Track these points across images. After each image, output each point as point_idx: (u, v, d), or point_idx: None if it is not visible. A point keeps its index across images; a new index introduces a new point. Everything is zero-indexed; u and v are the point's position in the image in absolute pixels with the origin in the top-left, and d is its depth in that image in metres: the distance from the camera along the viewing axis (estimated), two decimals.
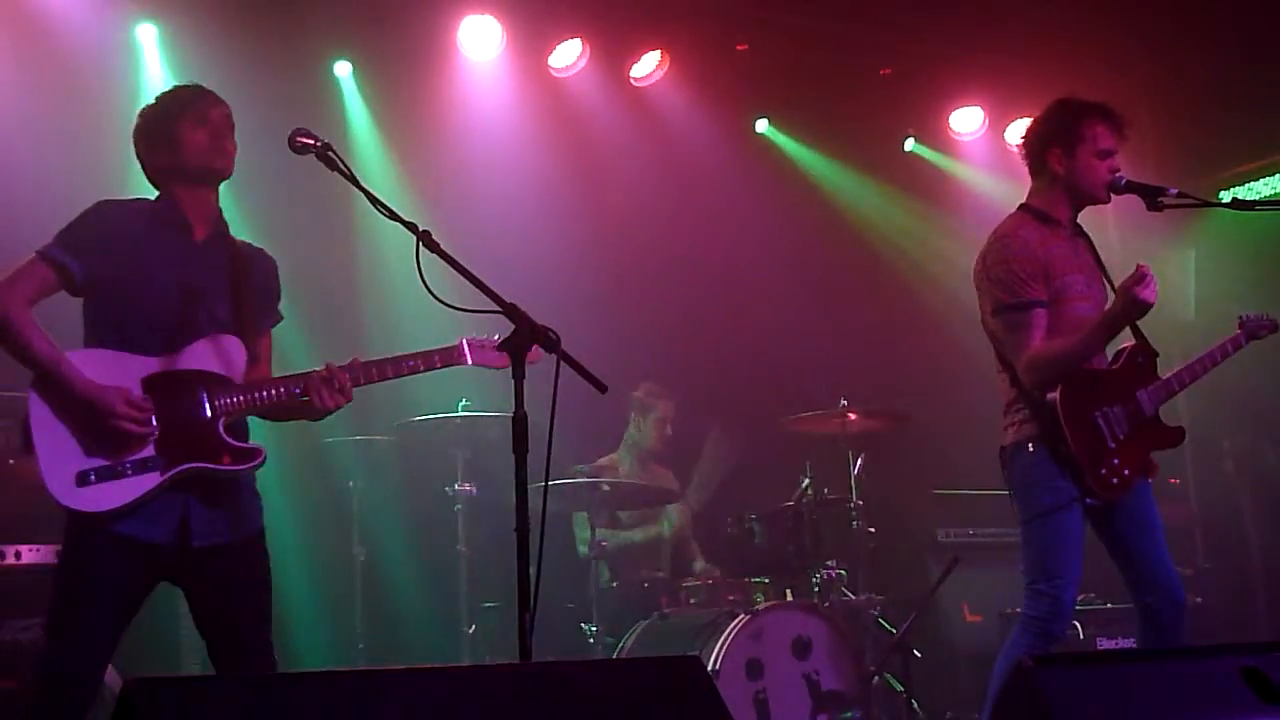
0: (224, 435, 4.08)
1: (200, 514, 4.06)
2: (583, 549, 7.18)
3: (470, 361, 4.38)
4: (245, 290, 4.26)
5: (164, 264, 4.14)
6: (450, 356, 4.37)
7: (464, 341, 4.39)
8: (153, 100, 4.36)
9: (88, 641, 3.95)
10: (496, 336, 4.31)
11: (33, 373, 3.97)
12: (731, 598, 6.69)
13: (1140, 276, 4.72)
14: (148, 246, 4.14)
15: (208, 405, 4.07)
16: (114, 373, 3.99)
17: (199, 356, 4.11)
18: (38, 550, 5.75)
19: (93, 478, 3.92)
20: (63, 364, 3.95)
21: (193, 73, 6.74)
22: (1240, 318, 5.29)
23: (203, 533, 4.06)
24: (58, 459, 3.92)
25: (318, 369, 4.19)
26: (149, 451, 3.98)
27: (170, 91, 4.37)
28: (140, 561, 4.00)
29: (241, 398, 4.11)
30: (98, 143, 6.60)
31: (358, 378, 4.22)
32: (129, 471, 3.95)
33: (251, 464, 4.13)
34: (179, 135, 4.20)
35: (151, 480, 3.97)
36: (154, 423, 3.99)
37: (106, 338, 4.08)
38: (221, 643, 4.15)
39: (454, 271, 3.72)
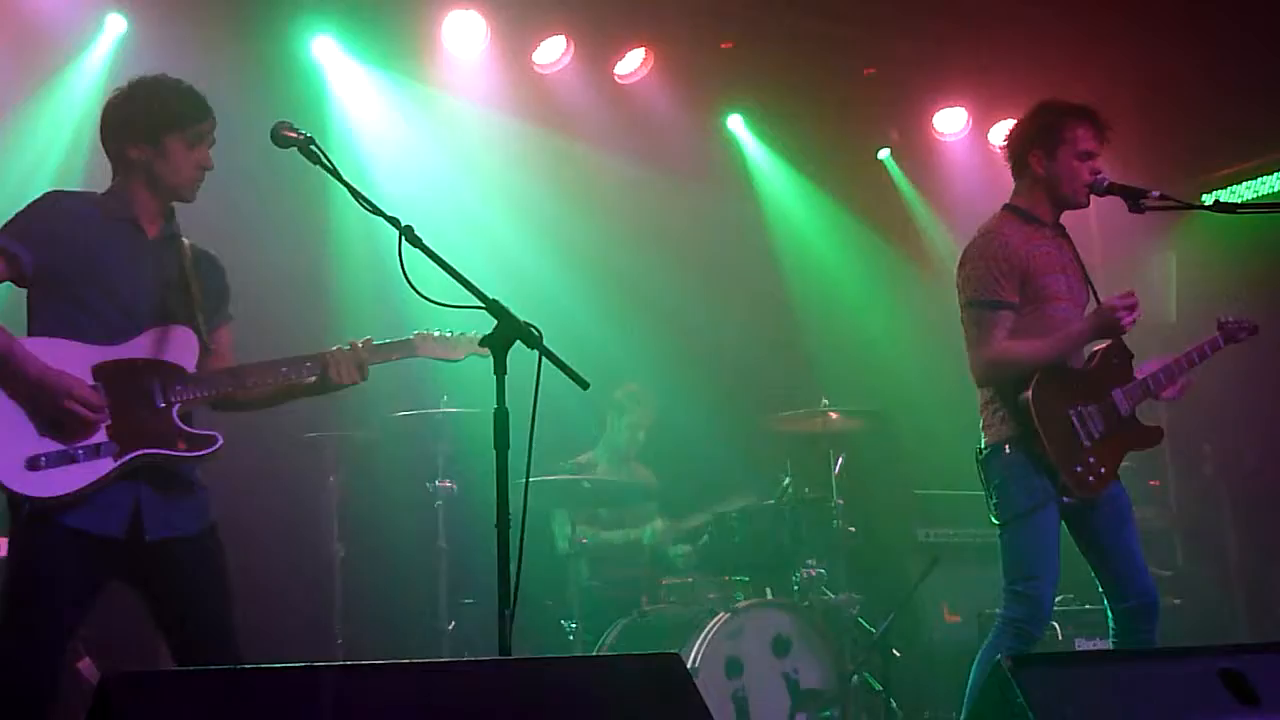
0: (178, 422, 4.03)
1: (152, 506, 3.99)
2: (562, 544, 7.16)
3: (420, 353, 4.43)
4: (195, 288, 4.21)
5: (115, 258, 4.09)
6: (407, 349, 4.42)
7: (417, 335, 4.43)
8: (144, 83, 4.20)
9: (38, 641, 3.88)
10: (450, 332, 4.42)
11: None
12: (711, 596, 6.69)
13: (1130, 304, 4.79)
14: (98, 240, 4.08)
15: (160, 394, 4.02)
16: (64, 361, 3.92)
17: (150, 346, 4.06)
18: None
19: (43, 462, 3.84)
20: (14, 347, 3.87)
21: (173, 66, 6.78)
22: (1219, 320, 5.29)
23: (155, 526, 3.99)
24: (7, 444, 3.84)
25: (328, 350, 4.23)
26: (101, 437, 3.91)
27: (168, 87, 4.20)
28: (92, 556, 3.93)
29: (195, 388, 4.07)
30: (63, 129, 6.64)
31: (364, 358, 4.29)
32: (81, 457, 3.88)
33: (208, 450, 4.06)
34: (167, 147, 4.13)
35: (104, 466, 3.90)
36: (106, 408, 3.93)
37: (55, 328, 4.00)
38: (183, 641, 4.09)
39: (436, 266, 3.72)
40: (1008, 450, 4.89)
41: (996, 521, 4.92)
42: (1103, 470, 4.86)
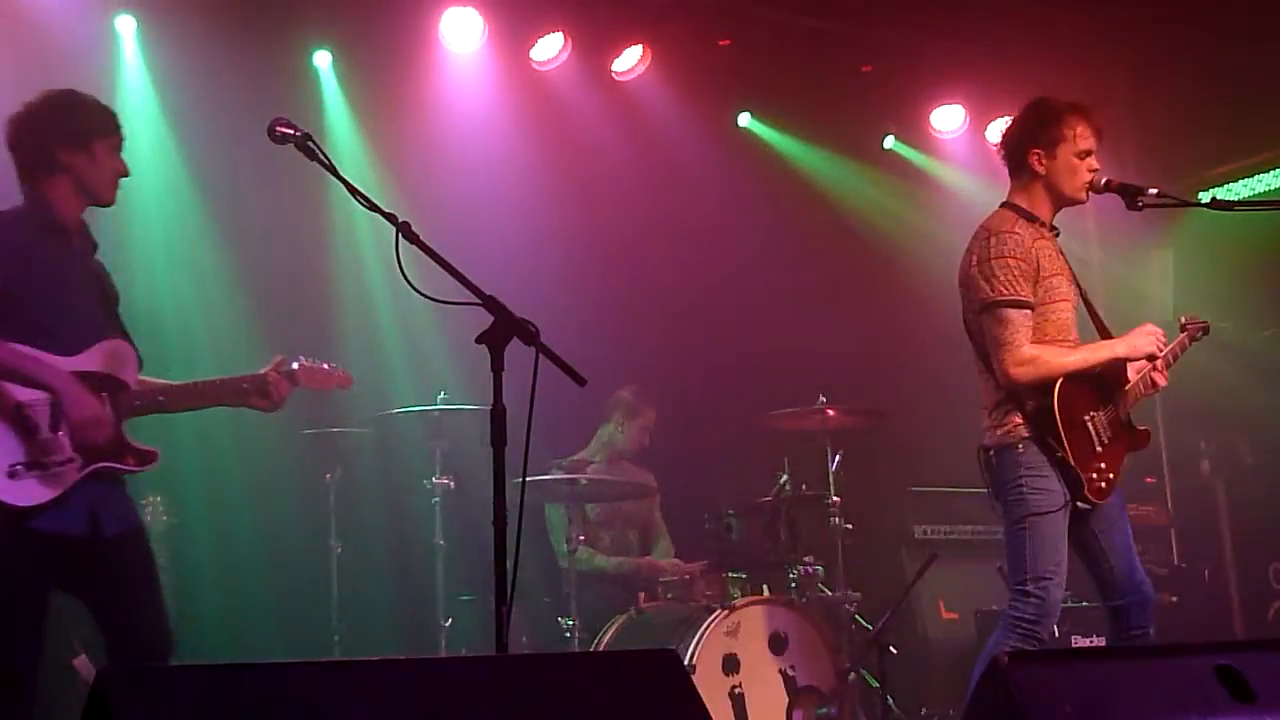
0: (125, 436, 4.22)
1: (104, 505, 4.18)
2: (559, 542, 7.13)
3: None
4: (108, 297, 4.38)
5: (49, 272, 4.19)
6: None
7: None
8: (63, 93, 4.34)
9: (19, 634, 4.03)
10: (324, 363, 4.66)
11: None
12: (708, 593, 6.68)
13: (1159, 331, 4.96)
14: (32, 254, 4.18)
15: (110, 408, 4.18)
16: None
17: (102, 360, 4.21)
18: None
19: (20, 471, 4.01)
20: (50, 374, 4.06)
21: (171, 65, 6.76)
22: (1182, 322, 5.27)
23: (109, 522, 4.17)
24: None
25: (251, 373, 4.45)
26: (69, 449, 4.08)
27: (87, 99, 4.37)
28: (55, 556, 4.08)
29: (136, 405, 4.26)
30: None
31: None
32: (53, 466, 4.06)
33: (150, 465, 4.29)
34: (97, 152, 4.26)
35: (71, 476, 4.09)
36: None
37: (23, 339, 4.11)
38: (126, 637, 4.21)
39: (433, 263, 3.72)
40: (1021, 450, 4.83)
41: (1009, 520, 4.88)
42: (1111, 476, 4.86)
